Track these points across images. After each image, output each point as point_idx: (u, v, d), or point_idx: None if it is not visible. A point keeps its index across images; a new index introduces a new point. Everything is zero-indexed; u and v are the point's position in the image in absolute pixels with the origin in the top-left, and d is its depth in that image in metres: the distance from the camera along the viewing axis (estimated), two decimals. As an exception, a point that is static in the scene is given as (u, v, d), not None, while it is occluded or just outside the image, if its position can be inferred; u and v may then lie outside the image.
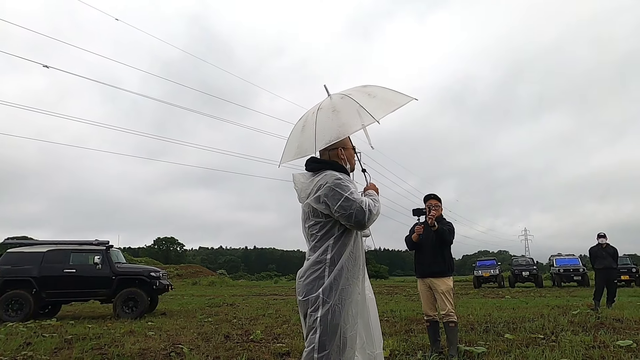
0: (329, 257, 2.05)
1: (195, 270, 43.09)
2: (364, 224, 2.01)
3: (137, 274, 10.43)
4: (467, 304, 10.83)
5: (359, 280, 2.12)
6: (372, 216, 2.03)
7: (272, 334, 6.52)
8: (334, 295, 2.00)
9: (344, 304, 2.02)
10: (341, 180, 2.07)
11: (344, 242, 2.07)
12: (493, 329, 6.25)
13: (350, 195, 2.02)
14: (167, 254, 75.87)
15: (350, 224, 2.02)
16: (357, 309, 2.09)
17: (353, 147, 2.32)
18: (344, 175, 2.15)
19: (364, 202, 2.02)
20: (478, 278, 22.63)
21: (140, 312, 9.68)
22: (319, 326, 1.99)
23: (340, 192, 2.02)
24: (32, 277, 9.68)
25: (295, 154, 2.23)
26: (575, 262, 22.08)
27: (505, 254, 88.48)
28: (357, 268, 2.11)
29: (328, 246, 2.07)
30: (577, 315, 7.47)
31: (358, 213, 1.98)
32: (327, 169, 2.16)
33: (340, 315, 1.99)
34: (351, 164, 2.29)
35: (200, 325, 7.76)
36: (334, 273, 2.03)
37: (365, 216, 1.99)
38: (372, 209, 2.03)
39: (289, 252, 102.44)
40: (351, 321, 2.03)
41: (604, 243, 9.26)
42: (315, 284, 2.04)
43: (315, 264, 2.07)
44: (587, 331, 5.84)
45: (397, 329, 6.65)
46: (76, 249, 10.31)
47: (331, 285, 2.01)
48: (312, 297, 2.03)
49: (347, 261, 2.06)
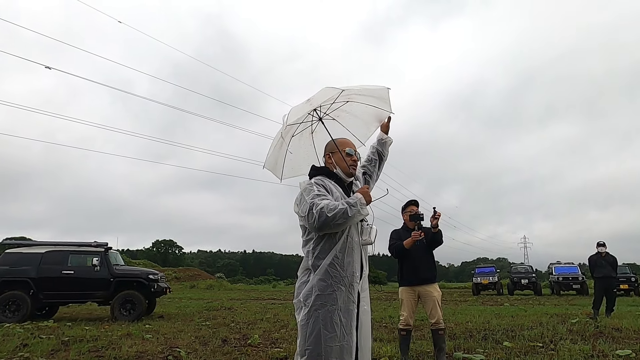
0: (310, 262, 2.07)
1: (193, 274, 42.97)
2: (315, 227, 1.98)
3: (135, 276, 10.40)
4: (465, 311, 10.80)
5: (352, 288, 2.04)
6: (326, 219, 1.94)
7: (270, 338, 6.49)
8: (313, 300, 1.98)
9: (325, 311, 1.96)
10: (310, 184, 2.11)
11: (324, 247, 2.05)
12: (492, 336, 6.23)
13: (309, 198, 2.02)
14: (166, 257, 75.66)
15: (307, 226, 2.04)
16: (348, 319, 2.00)
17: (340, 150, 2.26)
18: (322, 179, 2.19)
19: (317, 205, 1.97)
20: (477, 285, 22.59)
21: (137, 315, 9.64)
22: (300, 331, 2.01)
23: (305, 196, 2.06)
24: (30, 278, 9.65)
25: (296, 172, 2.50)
26: (574, 270, 22.05)
27: (504, 261, 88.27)
28: (347, 275, 2.04)
29: (309, 251, 2.09)
30: (576, 324, 7.45)
31: (309, 216, 1.98)
32: (317, 174, 2.24)
33: (319, 322, 1.94)
34: (342, 167, 2.27)
35: (198, 329, 7.73)
36: (315, 278, 2.02)
37: (313, 219, 1.96)
38: (327, 212, 1.94)
39: (287, 257, 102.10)
40: (339, 331, 1.95)
41: (604, 252, 9.25)
42: (301, 288, 2.07)
43: (303, 268, 2.12)
44: (586, 340, 5.82)
45: (395, 335, 6.61)
46: (75, 251, 10.29)
47: (311, 291, 2.01)
48: (296, 300, 2.07)
49: (331, 267, 2.02)
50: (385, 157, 2.60)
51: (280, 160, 2.48)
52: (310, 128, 2.54)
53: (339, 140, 2.34)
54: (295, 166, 2.54)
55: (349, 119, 2.57)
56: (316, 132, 2.55)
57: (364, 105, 2.46)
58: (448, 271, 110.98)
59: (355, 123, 2.58)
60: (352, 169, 2.28)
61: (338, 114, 2.54)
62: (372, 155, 2.56)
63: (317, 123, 2.51)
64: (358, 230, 2.16)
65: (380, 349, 5.14)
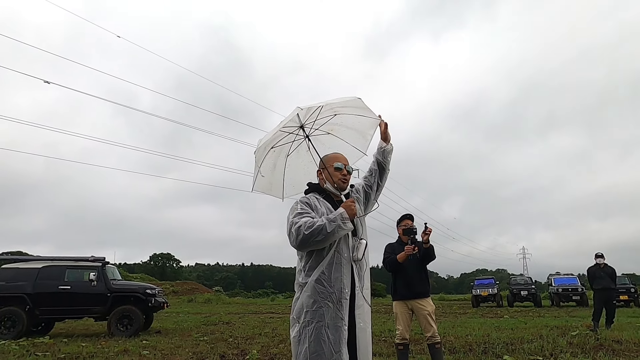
0: (300, 279, 2.12)
1: (191, 287, 42.63)
2: (295, 245, 2.04)
3: (133, 291, 10.32)
4: (465, 324, 10.74)
5: (340, 305, 2.03)
6: (304, 237, 1.96)
7: (269, 353, 6.43)
8: (302, 317, 2.02)
9: (313, 327, 1.97)
10: (296, 203, 2.17)
11: (312, 264, 2.08)
12: (491, 350, 6.19)
13: (291, 217, 2.08)
14: (163, 270, 75.04)
15: (290, 245, 2.08)
16: (337, 337, 1.98)
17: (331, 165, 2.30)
18: (309, 197, 2.25)
19: (295, 223, 2.02)
20: (476, 297, 22.46)
21: (134, 331, 9.55)
22: (292, 347, 2.05)
23: (290, 215, 2.11)
24: (26, 294, 9.56)
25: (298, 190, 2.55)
26: (574, 281, 21.97)
27: (503, 273, 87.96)
28: (335, 291, 2.03)
29: (300, 269, 2.14)
30: (576, 337, 7.41)
31: (289, 235, 2.05)
32: (309, 192, 2.32)
33: (307, 339, 1.96)
34: (332, 183, 2.30)
35: (196, 345, 7.65)
36: (304, 294, 2.06)
37: (292, 238, 2.02)
38: (304, 230, 1.97)
39: (286, 269, 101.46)
40: (326, 348, 1.94)
41: (602, 263, 9.24)
42: (294, 304, 2.12)
43: (297, 285, 2.15)
44: (587, 353, 5.79)
45: (395, 349, 6.56)
46: (71, 266, 10.22)
47: (301, 307, 2.05)
48: (291, 317, 2.13)
49: (318, 283, 2.03)
50: (387, 166, 2.51)
51: (278, 181, 2.53)
52: (306, 145, 2.56)
53: (329, 156, 2.37)
54: (297, 184, 2.59)
55: (344, 131, 2.60)
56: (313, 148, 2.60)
57: (352, 115, 2.48)
58: (447, 283, 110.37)
59: (351, 134, 2.60)
60: (341, 183, 2.30)
61: (331, 128, 2.57)
62: (372, 166, 2.53)
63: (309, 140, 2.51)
64: (349, 245, 2.15)
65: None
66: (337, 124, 2.57)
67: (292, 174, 2.53)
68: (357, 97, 2.38)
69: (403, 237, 4.58)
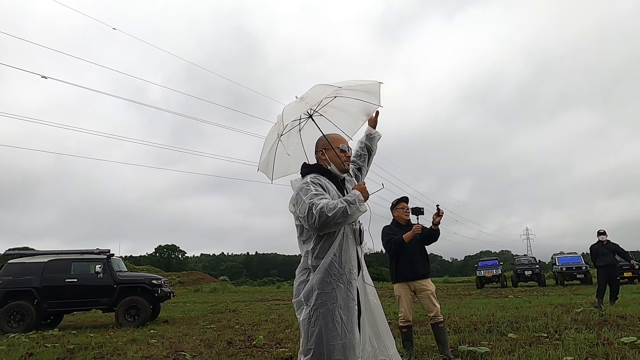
0: (309, 261, 2.07)
1: (197, 277, 42.99)
2: (315, 227, 1.97)
3: (139, 282, 10.41)
4: (470, 305, 10.81)
5: (350, 285, 2.05)
6: (327, 219, 1.93)
7: (275, 339, 6.50)
8: (314, 299, 1.99)
9: (326, 309, 1.96)
10: (307, 184, 2.09)
11: (323, 246, 2.05)
12: (496, 328, 6.23)
13: (307, 198, 2.01)
14: (169, 262, 75.62)
15: (306, 227, 2.04)
16: (349, 316, 2.00)
17: (333, 147, 2.26)
18: (318, 178, 2.16)
19: (316, 204, 1.96)
20: (480, 278, 22.57)
21: (142, 321, 9.65)
22: (302, 330, 2.01)
23: (301, 196, 2.04)
24: (33, 288, 9.67)
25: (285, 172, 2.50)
26: (577, 260, 22.02)
27: (507, 254, 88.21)
28: (345, 272, 2.05)
29: (308, 251, 2.08)
30: (580, 313, 7.45)
31: (309, 216, 1.96)
32: (310, 172, 2.21)
33: (320, 321, 1.95)
34: (335, 164, 2.26)
35: (203, 332, 7.73)
36: (315, 277, 2.03)
37: (313, 219, 1.94)
38: (326, 212, 1.93)
39: (290, 257, 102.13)
40: (340, 328, 1.95)
41: (605, 240, 9.26)
42: (301, 287, 2.07)
43: (302, 268, 2.11)
44: (591, 329, 5.82)
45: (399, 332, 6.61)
46: (77, 259, 10.30)
47: (311, 289, 2.01)
48: (297, 300, 2.07)
49: (330, 265, 2.02)
50: (374, 152, 2.61)
51: (270, 161, 2.48)
52: (299, 126, 2.52)
53: (331, 137, 2.32)
54: (284, 166, 2.52)
55: (337, 114, 2.56)
56: (304, 129, 2.53)
57: (352, 99, 2.46)
58: (451, 265, 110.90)
59: (343, 118, 2.56)
60: (346, 165, 2.28)
61: (326, 110, 2.54)
62: (362, 151, 2.58)
63: (305, 121, 2.50)
64: (352, 227, 2.16)
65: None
66: (334, 106, 2.53)
67: (281, 156, 2.48)
68: (378, 82, 2.35)
69: (401, 219, 4.64)
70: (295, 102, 2.32)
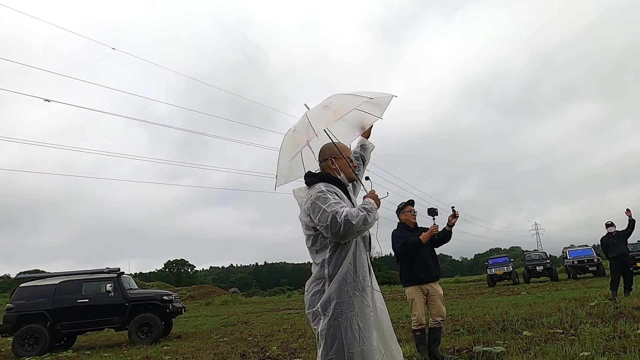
0: (325, 271, 2.05)
1: (207, 291, 42.90)
2: (339, 235, 1.96)
3: (150, 299, 10.44)
4: (482, 304, 10.73)
5: (365, 292, 2.06)
6: (351, 227, 1.93)
7: (289, 349, 6.48)
8: (333, 308, 1.98)
9: (345, 318, 1.97)
10: (323, 192, 2.07)
11: (340, 255, 2.05)
12: (510, 327, 6.18)
13: (327, 207, 1.99)
14: (179, 276, 75.64)
15: (328, 235, 2.01)
16: (365, 323, 2.01)
17: (345, 157, 2.27)
18: (331, 186, 2.14)
19: (340, 213, 1.95)
20: (492, 276, 22.40)
21: (155, 337, 9.66)
22: (321, 340, 2.00)
23: (320, 205, 2.02)
24: (46, 310, 9.71)
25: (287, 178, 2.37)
26: (589, 252, 21.82)
27: (517, 250, 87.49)
28: (360, 280, 2.06)
29: (324, 260, 2.07)
30: (595, 307, 7.37)
31: (332, 224, 1.94)
32: (318, 181, 2.18)
33: (341, 329, 1.95)
34: (346, 173, 2.27)
35: (216, 346, 7.72)
36: (332, 286, 2.02)
37: (339, 227, 1.93)
38: (351, 220, 1.93)
39: (300, 265, 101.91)
40: (358, 336, 1.96)
41: (614, 231, 9.20)
42: (316, 297, 2.06)
43: (316, 278, 2.09)
44: (607, 322, 5.76)
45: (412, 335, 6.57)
46: (88, 279, 10.35)
47: (329, 299, 2.00)
48: (313, 310, 2.05)
49: (347, 274, 2.03)
50: (367, 163, 2.63)
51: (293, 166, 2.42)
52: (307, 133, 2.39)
53: (341, 146, 2.30)
54: (286, 173, 2.44)
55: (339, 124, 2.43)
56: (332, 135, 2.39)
57: (355, 110, 2.40)
58: (461, 265, 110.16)
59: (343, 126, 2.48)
60: (354, 174, 2.30)
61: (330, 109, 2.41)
62: (357, 161, 2.58)
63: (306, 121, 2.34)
64: (362, 234, 2.16)
65: (400, 349, 5.11)
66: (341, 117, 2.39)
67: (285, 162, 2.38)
68: (392, 95, 2.33)
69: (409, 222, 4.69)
70: (319, 109, 2.27)
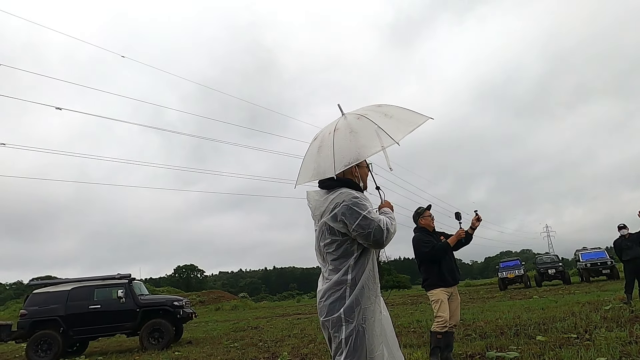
0: (349, 277, 2.03)
1: (217, 296, 42.98)
2: (382, 243, 1.99)
3: (161, 304, 10.50)
4: (494, 308, 10.62)
5: (378, 298, 2.11)
6: (389, 235, 2.02)
7: (300, 354, 6.47)
8: (357, 315, 1.98)
9: (368, 324, 2.00)
10: (358, 198, 2.06)
11: (363, 261, 2.07)
12: (523, 331, 6.11)
13: (368, 214, 2.00)
14: (188, 282, 75.96)
15: (368, 242, 2.01)
16: (380, 328, 2.06)
17: (367, 165, 2.32)
18: (360, 193, 2.14)
19: (381, 220, 2.02)
20: (503, 280, 22.14)
21: (166, 343, 9.70)
22: (344, 347, 1.98)
23: (358, 211, 2.00)
24: (59, 316, 9.81)
25: (313, 176, 2.21)
26: (602, 255, 21.49)
27: (528, 253, 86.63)
28: (376, 286, 2.11)
29: (348, 266, 2.05)
30: (609, 311, 7.26)
31: (376, 232, 1.97)
32: (341, 186, 2.13)
33: (365, 336, 1.97)
34: (364, 182, 2.28)
35: (227, 352, 7.73)
36: (356, 293, 2.01)
37: (383, 235, 1.98)
38: (389, 228, 2.02)
39: (308, 270, 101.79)
40: (376, 341, 2.01)
41: (626, 233, 9.07)
42: (337, 304, 2.02)
43: (336, 284, 2.05)
44: (622, 326, 5.67)
45: (424, 339, 6.51)
46: (99, 285, 10.45)
47: (353, 305, 1.99)
48: (334, 317, 2.01)
49: (368, 280, 2.05)
50: None
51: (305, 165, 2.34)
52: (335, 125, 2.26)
53: None
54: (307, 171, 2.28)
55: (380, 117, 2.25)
56: (338, 129, 2.22)
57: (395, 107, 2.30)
58: (472, 268, 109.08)
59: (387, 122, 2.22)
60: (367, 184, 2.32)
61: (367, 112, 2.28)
62: None
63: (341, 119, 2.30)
64: None
65: (411, 355, 5.08)
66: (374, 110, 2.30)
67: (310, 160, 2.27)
68: (429, 117, 2.25)
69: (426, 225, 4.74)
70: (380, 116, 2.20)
